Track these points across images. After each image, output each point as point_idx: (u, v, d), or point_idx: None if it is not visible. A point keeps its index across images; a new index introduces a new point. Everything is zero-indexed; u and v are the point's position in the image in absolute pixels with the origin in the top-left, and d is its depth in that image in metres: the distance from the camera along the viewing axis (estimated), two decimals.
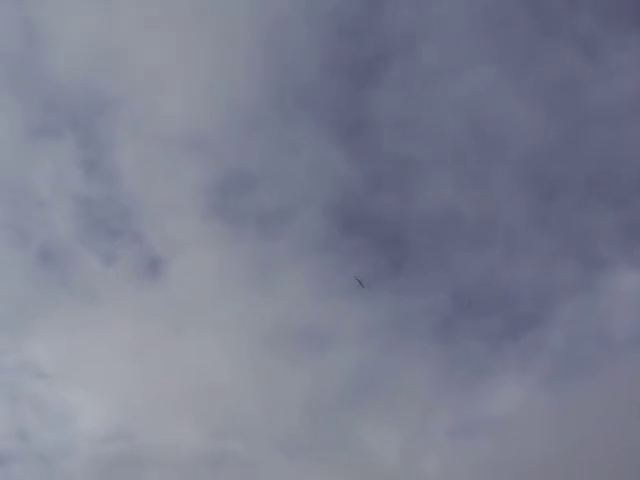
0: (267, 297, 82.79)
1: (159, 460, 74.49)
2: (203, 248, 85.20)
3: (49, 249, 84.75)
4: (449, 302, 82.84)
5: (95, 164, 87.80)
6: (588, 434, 71.30)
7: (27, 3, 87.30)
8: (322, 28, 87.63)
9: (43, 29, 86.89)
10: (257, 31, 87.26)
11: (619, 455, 68.32)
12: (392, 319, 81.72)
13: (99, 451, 75.25)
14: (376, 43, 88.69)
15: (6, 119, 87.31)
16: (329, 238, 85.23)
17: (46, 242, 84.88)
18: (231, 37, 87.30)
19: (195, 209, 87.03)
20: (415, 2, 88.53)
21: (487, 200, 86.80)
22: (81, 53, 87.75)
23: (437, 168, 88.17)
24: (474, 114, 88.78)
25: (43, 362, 79.05)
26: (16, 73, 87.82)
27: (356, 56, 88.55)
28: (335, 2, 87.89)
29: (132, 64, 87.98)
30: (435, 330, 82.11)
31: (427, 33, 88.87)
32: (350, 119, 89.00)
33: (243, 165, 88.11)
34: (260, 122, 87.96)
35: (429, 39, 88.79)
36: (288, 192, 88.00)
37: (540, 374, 78.58)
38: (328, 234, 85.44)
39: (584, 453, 70.03)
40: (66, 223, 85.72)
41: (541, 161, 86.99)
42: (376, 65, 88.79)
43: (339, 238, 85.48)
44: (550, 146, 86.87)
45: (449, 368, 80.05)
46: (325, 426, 77.01)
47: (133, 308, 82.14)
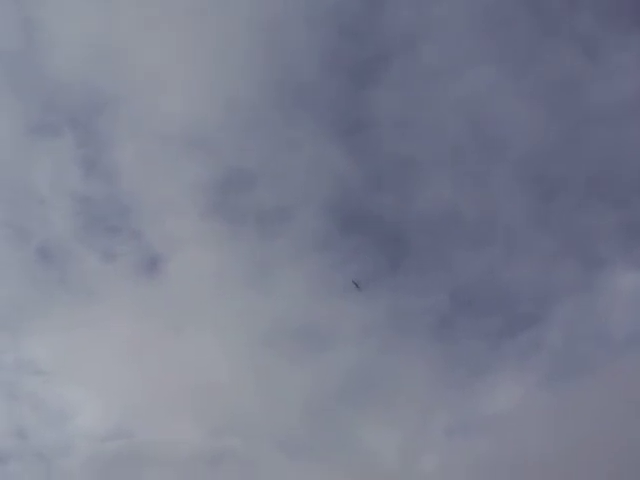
0: (266, 295, 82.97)
1: (158, 458, 74.59)
2: (202, 246, 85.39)
3: (48, 247, 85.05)
4: (448, 301, 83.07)
5: (94, 162, 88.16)
6: (586, 433, 71.37)
7: (27, 2, 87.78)
8: (322, 27, 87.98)
9: (43, 28, 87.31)
10: (256, 30, 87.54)
11: (617, 454, 68.37)
12: (391, 318, 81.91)
13: (98, 449, 75.30)
14: (376, 43, 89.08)
15: (6, 118, 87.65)
16: (328, 237, 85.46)
17: (45, 240, 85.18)
18: (231, 36, 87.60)
19: (194, 207, 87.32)
20: (415, 2, 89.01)
21: (487, 200, 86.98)
22: (80, 52, 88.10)
23: (437, 168, 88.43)
24: (474, 114, 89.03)
25: (42, 360, 79.14)
26: (16, 72, 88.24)
27: (356, 56, 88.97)
28: (335, 1, 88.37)
29: (131, 63, 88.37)
30: (434, 329, 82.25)
31: (427, 33, 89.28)
32: (350, 118, 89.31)
33: (242, 164, 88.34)
34: (259, 121, 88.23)
35: (429, 39, 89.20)
36: (287, 191, 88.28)
37: (539, 373, 78.73)
38: (327, 233, 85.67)
39: (582, 452, 70.10)
40: (65, 221, 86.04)
41: (541, 161, 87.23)
42: (376, 65, 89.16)
43: (338, 237, 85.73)
44: (550, 146, 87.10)
45: (448, 367, 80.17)
46: (324, 425, 77.14)
47: (132, 306, 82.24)
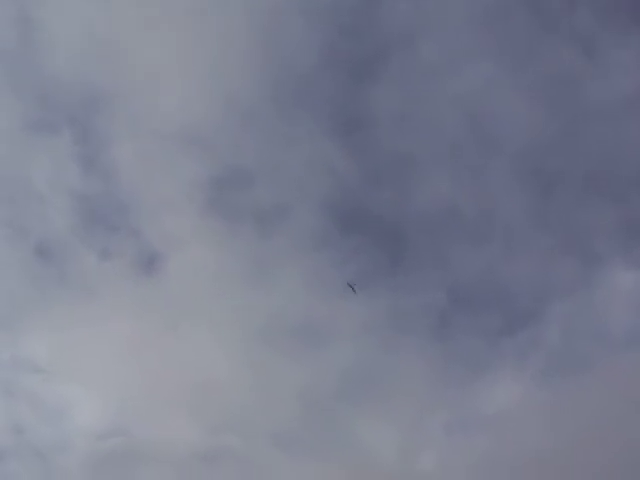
0: (264, 293, 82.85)
1: (155, 456, 74.47)
2: (200, 244, 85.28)
3: (46, 245, 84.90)
4: (446, 299, 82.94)
5: (92, 160, 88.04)
6: (585, 430, 71.33)
7: (25, 0, 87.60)
8: (319, 23, 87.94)
9: (40, 25, 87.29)
10: (254, 27, 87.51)
11: (615, 451, 68.34)
12: (389, 315, 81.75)
13: (95, 447, 75.23)
14: (374, 39, 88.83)
15: (4, 115, 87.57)
16: (326, 234, 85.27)
17: (43, 238, 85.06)
18: (228, 33, 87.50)
19: (192, 205, 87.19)
20: None
21: (485, 196, 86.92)
22: (78, 50, 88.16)
23: (435, 164, 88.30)
24: (472, 110, 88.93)
25: (39, 357, 79.03)
26: (13, 69, 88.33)
27: (354, 52, 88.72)
28: None
29: (129, 61, 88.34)
30: (432, 327, 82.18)
31: (425, 29, 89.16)
32: (348, 115, 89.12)
33: (240, 161, 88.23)
34: (257, 118, 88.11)
35: (427, 35, 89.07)
36: (285, 188, 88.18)
37: (537, 371, 78.69)
38: (325, 230, 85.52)
39: (580, 449, 70.02)
40: (63, 219, 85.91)
41: (539, 157, 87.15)
42: (374, 61, 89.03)
43: (336, 234, 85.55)
44: (548, 143, 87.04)
45: (446, 364, 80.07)
46: (322, 422, 76.99)
47: (130, 303, 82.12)
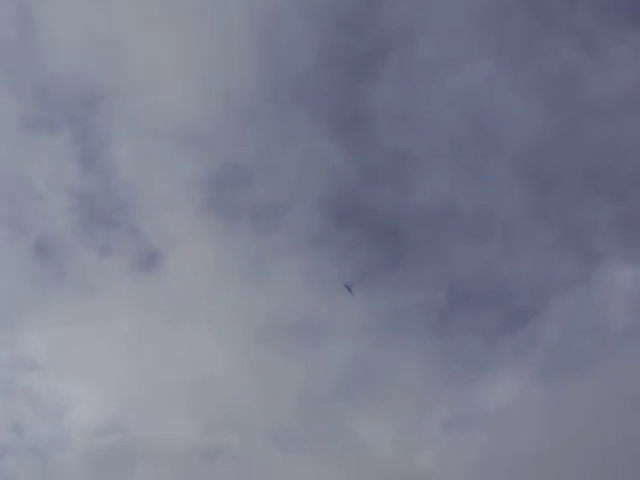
0: (262, 290, 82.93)
1: (153, 453, 74.60)
2: (199, 242, 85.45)
3: (46, 242, 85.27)
4: (445, 296, 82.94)
5: (91, 158, 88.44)
6: (583, 427, 71.20)
7: None
8: (318, 21, 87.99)
9: (40, 24, 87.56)
10: (252, 24, 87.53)
11: (613, 448, 68.23)
12: (388, 313, 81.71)
13: (93, 444, 75.41)
14: (373, 36, 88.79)
15: (3, 113, 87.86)
16: (324, 232, 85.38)
17: (43, 236, 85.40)
18: (226, 30, 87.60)
19: (191, 203, 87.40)
20: None
21: (484, 193, 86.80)
22: (77, 48, 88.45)
23: (434, 161, 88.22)
24: (472, 107, 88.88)
25: (38, 355, 79.32)
26: (13, 68, 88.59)
27: (353, 49, 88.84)
28: None
29: (128, 59, 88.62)
30: (431, 324, 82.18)
31: (424, 26, 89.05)
32: (346, 112, 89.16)
33: (238, 159, 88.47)
34: (255, 116, 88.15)
35: (426, 32, 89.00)
36: (283, 186, 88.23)
37: (535, 368, 78.62)
38: (323, 228, 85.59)
39: (579, 446, 69.91)
40: (62, 216, 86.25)
41: (538, 154, 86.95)
42: (373, 58, 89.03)
43: (334, 232, 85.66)
44: (547, 139, 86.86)
45: (445, 362, 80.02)
46: (320, 419, 77.04)
47: (129, 301, 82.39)
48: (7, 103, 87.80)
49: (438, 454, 74.95)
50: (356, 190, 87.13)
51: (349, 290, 77.53)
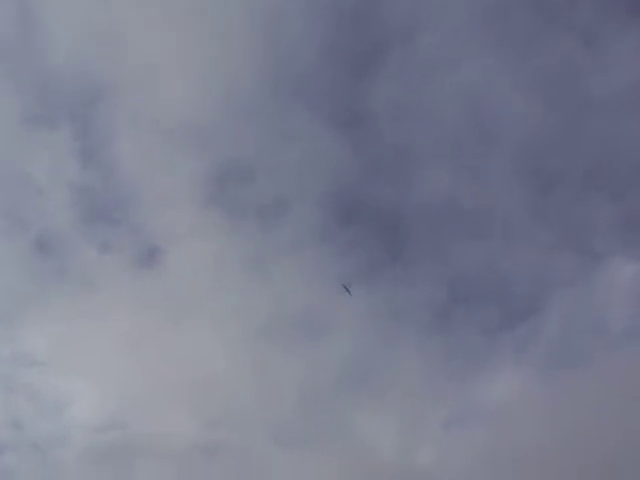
0: (263, 287, 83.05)
1: (153, 449, 74.59)
2: (200, 238, 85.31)
3: (46, 238, 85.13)
4: (445, 293, 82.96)
5: (92, 153, 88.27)
6: (583, 424, 71.26)
7: None
8: (320, 18, 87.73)
9: (40, 20, 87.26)
10: (254, 21, 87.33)
11: (613, 446, 68.29)
12: (388, 309, 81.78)
13: (93, 440, 75.45)
14: (374, 33, 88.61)
15: (4, 108, 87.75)
16: (326, 228, 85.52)
17: (43, 231, 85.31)
18: (228, 27, 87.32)
19: (192, 199, 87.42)
20: None
21: (485, 191, 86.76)
22: (78, 44, 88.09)
23: (435, 159, 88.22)
24: (472, 105, 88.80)
25: (38, 351, 79.23)
26: (14, 64, 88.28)
27: (354, 46, 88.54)
28: None
29: (129, 55, 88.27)
30: (431, 320, 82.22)
31: (425, 24, 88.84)
32: (348, 109, 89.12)
33: (240, 155, 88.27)
34: (257, 113, 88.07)
35: (427, 30, 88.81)
36: (285, 182, 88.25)
37: (535, 365, 78.58)
38: (325, 224, 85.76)
39: (579, 443, 69.95)
40: (63, 212, 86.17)
41: (539, 152, 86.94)
42: (374, 56, 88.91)
43: (336, 228, 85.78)
44: (548, 137, 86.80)
45: (445, 358, 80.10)
46: (320, 416, 77.04)
47: (129, 297, 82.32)
48: (8, 99, 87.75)
49: (438, 450, 75.06)
50: (358, 186, 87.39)
51: (347, 290, 77.57)
